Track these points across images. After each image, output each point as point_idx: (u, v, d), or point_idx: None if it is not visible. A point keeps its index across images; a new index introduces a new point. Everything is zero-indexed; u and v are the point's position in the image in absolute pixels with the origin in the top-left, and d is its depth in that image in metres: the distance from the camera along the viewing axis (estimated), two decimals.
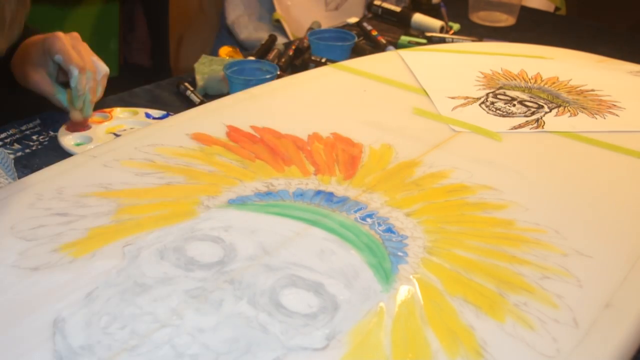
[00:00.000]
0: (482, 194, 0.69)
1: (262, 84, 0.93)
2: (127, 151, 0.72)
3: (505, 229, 0.64)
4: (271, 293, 0.53)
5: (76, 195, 0.64)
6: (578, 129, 0.86)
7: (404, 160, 0.75)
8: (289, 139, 0.77)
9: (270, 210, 0.64)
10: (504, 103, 0.92)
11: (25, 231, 0.59)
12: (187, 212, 0.63)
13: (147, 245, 0.58)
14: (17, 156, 0.82)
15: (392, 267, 0.58)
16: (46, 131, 0.89)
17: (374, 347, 0.50)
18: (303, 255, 0.58)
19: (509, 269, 0.58)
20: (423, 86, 0.95)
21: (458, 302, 0.54)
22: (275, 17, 1.53)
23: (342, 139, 0.78)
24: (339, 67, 1.00)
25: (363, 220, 0.63)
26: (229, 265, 0.56)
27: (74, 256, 0.56)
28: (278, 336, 0.50)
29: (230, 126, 0.79)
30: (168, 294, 0.53)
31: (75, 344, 0.48)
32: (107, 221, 0.61)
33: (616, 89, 0.99)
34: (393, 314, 0.52)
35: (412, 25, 1.37)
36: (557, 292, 0.56)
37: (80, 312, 0.50)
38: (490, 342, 0.50)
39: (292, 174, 0.70)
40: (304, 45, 1.20)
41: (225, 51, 1.16)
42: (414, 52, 1.10)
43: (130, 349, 0.47)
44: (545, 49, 1.18)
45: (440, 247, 0.61)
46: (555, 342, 0.51)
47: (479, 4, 1.47)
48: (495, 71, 1.03)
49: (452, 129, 0.83)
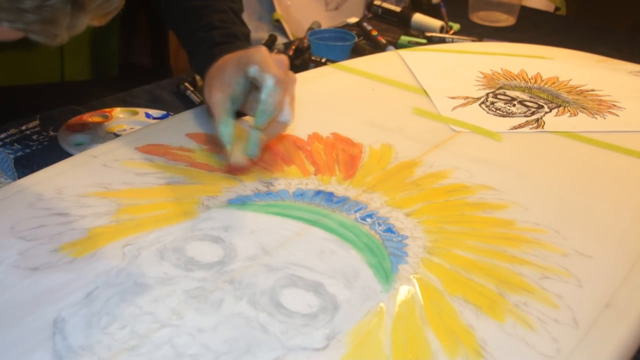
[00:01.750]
0: (482, 194, 0.69)
1: None
2: (127, 151, 0.72)
3: (505, 229, 0.64)
4: (271, 293, 0.53)
5: (76, 195, 0.64)
6: (578, 129, 0.86)
7: (404, 160, 0.75)
8: (289, 139, 0.77)
9: (270, 210, 0.64)
10: (504, 103, 0.92)
11: (25, 231, 0.59)
12: (187, 212, 0.63)
13: (147, 245, 0.58)
14: (17, 156, 0.82)
15: (392, 267, 0.58)
16: (46, 131, 0.88)
17: (374, 347, 0.50)
18: (303, 255, 0.58)
19: (509, 269, 0.58)
20: (423, 86, 0.95)
21: (458, 302, 0.54)
22: (275, 17, 1.53)
23: (342, 139, 0.78)
24: (339, 67, 1.00)
25: (363, 220, 0.63)
26: (229, 265, 0.56)
27: (74, 256, 0.56)
28: (278, 336, 0.50)
29: None
30: (168, 294, 0.53)
31: (75, 344, 0.48)
32: (107, 221, 0.61)
33: (616, 89, 0.99)
34: (393, 314, 0.52)
35: (412, 25, 1.37)
36: (557, 292, 0.56)
37: (80, 312, 0.50)
38: (490, 342, 0.50)
39: (292, 174, 0.70)
40: (304, 45, 1.20)
41: None
42: (414, 52, 1.10)
43: (130, 349, 0.47)
44: (545, 49, 1.18)
45: (440, 247, 0.61)
46: (555, 342, 0.51)
47: (479, 4, 1.47)
48: (495, 71, 1.03)
49: (452, 129, 0.84)
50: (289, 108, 0.70)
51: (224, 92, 0.70)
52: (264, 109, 0.66)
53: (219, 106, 0.69)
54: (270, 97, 0.66)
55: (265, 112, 0.67)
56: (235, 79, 0.70)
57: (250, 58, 0.68)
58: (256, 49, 0.69)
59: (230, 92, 0.70)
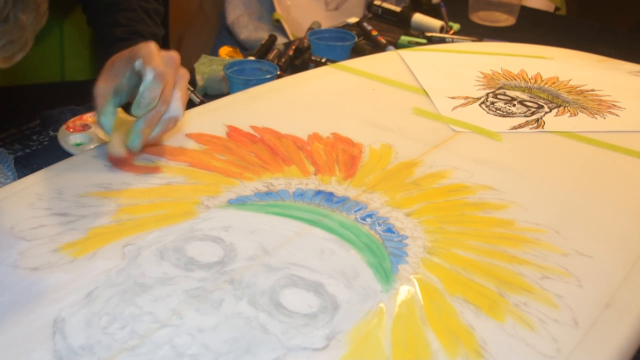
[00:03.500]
0: (482, 194, 0.69)
1: (262, 84, 0.93)
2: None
3: (505, 229, 0.64)
4: (271, 293, 0.53)
5: (76, 195, 0.64)
6: (578, 129, 0.86)
7: (404, 160, 0.75)
8: (289, 139, 0.77)
9: (270, 210, 0.64)
10: (504, 103, 0.92)
11: (25, 231, 0.59)
12: (187, 212, 0.63)
13: (147, 245, 0.58)
14: (17, 156, 0.82)
15: (392, 267, 0.58)
16: (46, 131, 0.88)
17: (374, 347, 0.50)
18: (303, 255, 0.58)
19: (509, 269, 0.58)
20: (423, 86, 0.95)
21: (458, 302, 0.54)
22: (275, 17, 1.53)
23: (342, 139, 0.78)
24: (339, 67, 1.00)
25: (363, 220, 0.63)
26: (229, 265, 0.56)
27: (74, 256, 0.56)
28: (278, 336, 0.50)
29: (230, 126, 0.79)
30: (168, 294, 0.53)
31: (75, 344, 0.48)
32: (107, 221, 0.61)
33: (616, 89, 0.99)
34: (393, 314, 0.52)
35: (412, 25, 1.37)
36: (557, 292, 0.56)
37: (80, 312, 0.50)
38: (490, 342, 0.50)
39: (292, 174, 0.70)
40: (304, 45, 1.19)
41: (225, 51, 1.16)
42: (414, 52, 1.10)
43: (130, 349, 0.47)
44: (545, 49, 1.18)
45: (441, 247, 0.61)
46: (555, 342, 0.51)
47: (479, 4, 1.46)
48: (495, 71, 1.03)
49: (452, 129, 0.83)
50: (178, 103, 0.71)
51: (109, 83, 0.70)
52: (139, 100, 0.67)
53: (100, 96, 0.70)
54: (147, 89, 0.67)
55: (141, 104, 0.67)
56: (122, 71, 0.71)
57: (137, 52, 0.69)
58: (144, 44, 0.70)
59: (114, 83, 0.71)
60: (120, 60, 0.72)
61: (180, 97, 0.71)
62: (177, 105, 0.71)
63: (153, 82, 0.67)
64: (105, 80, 0.71)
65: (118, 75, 0.71)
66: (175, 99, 0.71)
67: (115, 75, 0.71)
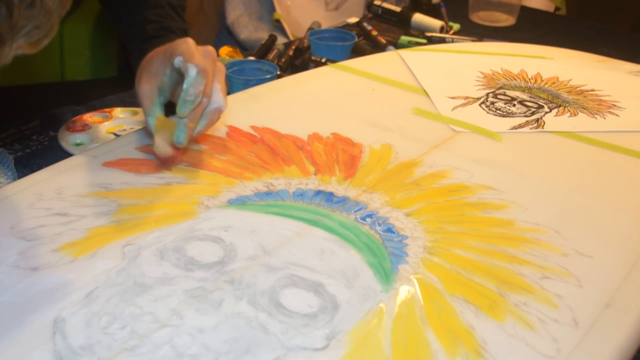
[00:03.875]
0: (482, 194, 0.69)
1: (262, 84, 0.93)
2: (127, 151, 0.72)
3: (505, 229, 0.64)
4: (271, 293, 0.53)
5: (76, 195, 0.64)
6: (578, 129, 0.86)
7: (404, 160, 0.75)
8: (289, 139, 0.77)
9: (270, 210, 0.64)
10: (504, 103, 0.92)
11: (25, 231, 0.59)
12: (187, 212, 0.63)
13: (147, 245, 0.58)
14: (17, 156, 0.82)
15: (392, 267, 0.58)
16: (46, 131, 0.88)
17: (374, 347, 0.50)
18: (303, 255, 0.58)
19: (509, 269, 0.58)
20: (423, 86, 0.95)
21: (458, 302, 0.54)
22: (275, 17, 1.53)
23: (342, 139, 0.78)
24: (339, 67, 1.00)
25: (363, 220, 0.63)
26: (229, 265, 0.56)
27: (74, 256, 0.56)
28: (278, 336, 0.50)
29: (230, 126, 0.79)
30: (168, 294, 0.53)
31: (75, 344, 0.48)
32: (107, 221, 0.61)
33: (616, 89, 0.99)
34: (393, 314, 0.52)
35: (412, 25, 1.37)
36: (557, 292, 0.56)
37: (80, 312, 0.50)
38: (490, 342, 0.50)
39: (292, 174, 0.70)
40: (304, 45, 1.19)
41: (225, 51, 1.16)
42: (414, 52, 1.10)
43: (130, 349, 0.47)
44: (545, 49, 1.18)
45: (440, 247, 0.61)
46: (555, 342, 0.51)
47: (479, 4, 1.46)
48: (495, 71, 1.03)
49: (452, 129, 0.83)
50: (219, 95, 0.71)
51: (151, 83, 0.70)
52: (185, 98, 0.67)
53: (146, 98, 0.70)
54: (192, 86, 0.66)
55: (186, 101, 0.67)
56: (162, 70, 0.70)
57: (176, 49, 0.69)
58: (182, 41, 0.70)
59: (157, 83, 0.71)
60: (158, 58, 0.71)
61: (221, 88, 0.71)
62: (219, 97, 0.71)
63: (197, 78, 0.67)
64: (148, 81, 0.71)
65: (158, 74, 0.71)
66: (216, 90, 0.71)
67: (155, 74, 0.71)
